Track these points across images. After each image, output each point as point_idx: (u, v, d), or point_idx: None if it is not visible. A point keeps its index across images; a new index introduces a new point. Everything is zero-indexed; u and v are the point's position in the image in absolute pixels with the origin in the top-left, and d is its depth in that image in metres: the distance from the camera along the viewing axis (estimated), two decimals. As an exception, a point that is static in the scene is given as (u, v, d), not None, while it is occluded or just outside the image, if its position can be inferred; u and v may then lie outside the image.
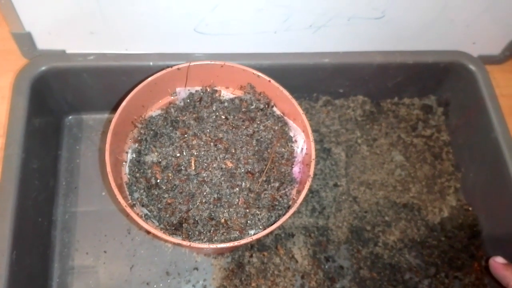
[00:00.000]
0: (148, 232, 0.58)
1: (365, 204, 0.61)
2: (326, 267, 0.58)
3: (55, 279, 0.55)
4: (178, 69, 0.49)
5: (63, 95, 0.61)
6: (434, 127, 0.68)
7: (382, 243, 0.60)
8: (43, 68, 0.55)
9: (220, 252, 0.57)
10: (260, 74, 0.50)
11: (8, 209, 0.48)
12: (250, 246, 0.58)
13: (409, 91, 0.68)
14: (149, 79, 0.48)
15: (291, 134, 0.51)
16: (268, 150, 0.50)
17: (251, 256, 0.57)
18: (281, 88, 0.49)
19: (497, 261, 0.53)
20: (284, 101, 0.50)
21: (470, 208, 0.63)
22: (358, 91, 0.67)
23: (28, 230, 0.51)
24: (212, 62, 0.49)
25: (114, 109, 0.64)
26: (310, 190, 0.61)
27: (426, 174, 0.64)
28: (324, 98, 0.67)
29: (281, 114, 0.52)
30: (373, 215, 0.61)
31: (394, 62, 0.62)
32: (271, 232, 0.58)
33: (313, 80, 0.63)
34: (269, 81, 0.50)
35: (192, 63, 0.49)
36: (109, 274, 0.56)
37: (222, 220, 0.45)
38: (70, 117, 0.65)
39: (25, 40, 0.59)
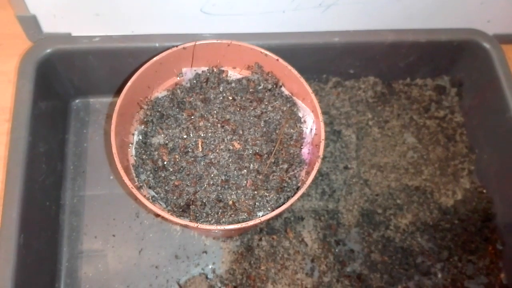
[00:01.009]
0: (157, 215, 0.58)
1: (376, 187, 0.60)
2: (337, 250, 0.57)
3: (64, 263, 0.55)
4: (184, 48, 0.48)
5: (69, 78, 0.60)
6: (448, 108, 0.66)
7: (394, 226, 0.59)
8: (48, 50, 0.55)
9: (229, 235, 0.56)
10: (267, 53, 0.48)
11: (16, 192, 0.48)
12: (259, 230, 0.57)
13: (422, 72, 0.66)
14: (154, 59, 0.47)
15: (300, 114, 0.50)
16: (277, 131, 0.49)
17: (260, 239, 0.56)
18: (289, 67, 0.48)
19: None
20: (293, 81, 0.49)
21: (484, 191, 0.61)
22: (369, 72, 0.66)
23: (36, 214, 0.51)
24: (218, 41, 0.48)
25: (120, 91, 0.63)
26: (320, 173, 0.60)
27: (439, 156, 0.63)
28: (334, 79, 0.65)
29: (290, 94, 0.51)
30: (384, 198, 0.60)
31: (406, 40, 0.60)
32: (280, 215, 0.57)
33: (322, 60, 0.62)
34: (277, 60, 0.48)
35: (198, 42, 0.48)
36: (118, 258, 0.56)
37: (230, 202, 0.45)
38: (77, 100, 0.64)
39: (30, 23, 0.59)
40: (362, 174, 0.61)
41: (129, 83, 0.46)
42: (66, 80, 0.60)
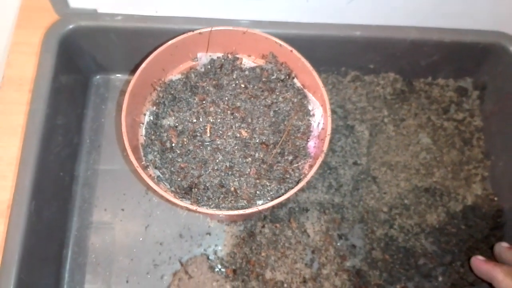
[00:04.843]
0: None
1: (384, 185, 0.60)
2: (338, 244, 0.57)
3: (73, 232, 0.58)
4: (200, 33, 0.49)
5: (91, 54, 0.61)
6: (467, 111, 0.64)
7: (398, 225, 0.58)
8: (71, 26, 0.56)
9: (233, 220, 0.57)
10: (282, 43, 0.48)
11: (30, 160, 0.50)
12: (263, 217, 0.58)
13: (444, 71, 0.65)
14: (170, 42, 0.48)
15: (310, 107, 0.50)
16: (285, 122, 0.49)
17: (263, 226, 0.57)
18: (302, 59, 0.48)
19: (478, 258, 0.54)
20: (306, 73, 0.49)
21: (495, 198, 0.60)
22: (389, 68, 0.64)
23: (49, 183, 0.53)
24: (234, 28, 0.48)
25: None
26: (328, 167, 0.60)
27: (453, 160, 0.62)
28: (353, 73, 0.65)
29: (301, 87, 0.51)
30: (391, 197, 0.59)
31: (429, 39, 0.59)
32: (285, 205, 0.58)
33: (342, 53, 0.61)
34: (291, 51, 0.48)
35: (214, 28, 0.48)
36: (125, 232, 0.58)
37: (232, 188, 0.45)
38: (98, 76, 0.66)
39: (57, -3, 0.60)
40: (371, 171, 0.60)
41: (143, 65, 0.47)
42: (88, 56, 0.61)
